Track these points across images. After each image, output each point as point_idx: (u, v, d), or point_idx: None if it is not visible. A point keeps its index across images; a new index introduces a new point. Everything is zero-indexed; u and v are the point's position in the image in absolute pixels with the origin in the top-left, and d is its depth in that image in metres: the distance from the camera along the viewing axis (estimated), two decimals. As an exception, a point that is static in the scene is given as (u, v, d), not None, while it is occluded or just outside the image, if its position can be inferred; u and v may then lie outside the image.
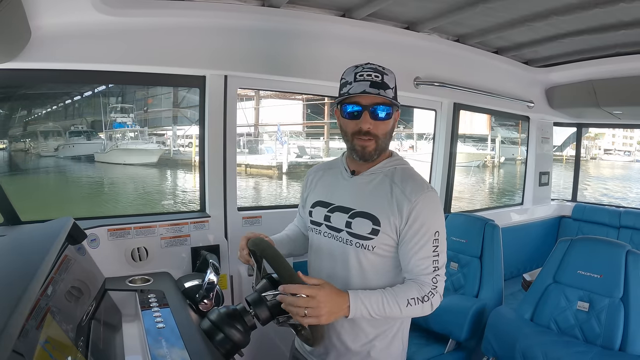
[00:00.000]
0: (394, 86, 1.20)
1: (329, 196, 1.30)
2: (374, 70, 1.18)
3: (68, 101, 17.54)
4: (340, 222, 1.24)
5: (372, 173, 1.25)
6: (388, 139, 1.24)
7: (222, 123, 1.97)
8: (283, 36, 1.96)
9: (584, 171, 23.16)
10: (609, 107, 2.92)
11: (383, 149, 1.23)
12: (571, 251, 1.88)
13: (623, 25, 2.01)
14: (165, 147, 20.17)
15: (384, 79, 1.17)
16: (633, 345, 1.63)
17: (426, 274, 1.16)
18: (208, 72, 1.90)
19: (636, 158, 29.61)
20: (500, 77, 2.87)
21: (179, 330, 1.17)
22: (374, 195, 1.22)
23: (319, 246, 1.31)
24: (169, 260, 1.82)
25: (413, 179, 1.22)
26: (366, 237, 1.20)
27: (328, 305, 1.06)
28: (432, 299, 1.16)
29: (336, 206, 1.26)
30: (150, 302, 1.38)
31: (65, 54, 1.55)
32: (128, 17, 1.59)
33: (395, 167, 1.25)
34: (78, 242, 1.44)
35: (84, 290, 1.29)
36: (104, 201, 13.03)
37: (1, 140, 15.89)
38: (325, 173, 1.38)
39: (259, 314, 1.14)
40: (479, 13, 1.97)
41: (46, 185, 14.54)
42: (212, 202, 2.00)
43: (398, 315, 1.14)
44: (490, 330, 1.87)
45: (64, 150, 16.58)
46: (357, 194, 1.24)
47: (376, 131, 1.19)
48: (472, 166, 19.82)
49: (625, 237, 3.31)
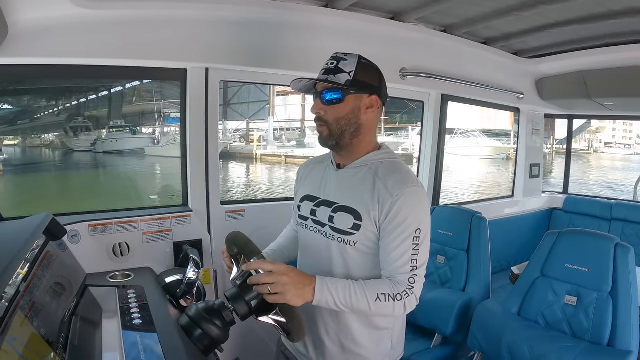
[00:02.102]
0: (353, 70, 1.17)
1: (316, 190, 1.29)
2: (333, 58, 1.19)
3: (92, 96, 17.95)
4: (324, 216, 1.23)
5: (356, 166, 1.23)
6: (345, 125, 1.19)
7: (203, 116, 1.94)
8: (265, 27, 1.93)
9: (586, 163, 26.42)
10: (600, 98, 2.89)
11: (341, 135, 1.20)
12: (559, 244, 1.86)
13: (613, 14, 1.98)
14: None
15: (339, 65, 1.17)
16: (621, 340, 1.61)
17: (403, 272, 1.12)
18: (189, 65, 1.87)
19: (636, 151, 30.05)
20: (489, 68, 2.84)
21: (155, 326, 1.16)
22: (356, 189, 1.20)
23: (305, 240, 1.31)
24: (151, 255, 1.80)
25: (398, 172, 1.19)
26: (348, 232, 1.18)
27: (291, 281, 1.04)
28: (405, 299, 1.10)
29: (322, 200, 1.26)
30: (129, 298, 1.36)
31: (44, 49, 1.53)
32: (106, 10, 1.57)
33: (381, 161, 1.22)
34: (58, 238, 1.42)
35: (66, 286, 1.28)
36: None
37: (28, 136, 16.05)
38: (315, 167, 1.37)
39: (237, 310, 1.13)
40: (465, 2, 1.94)
41: (113, 178, 15.15)
42: (194, 197, 1.98)
43: (366, 310, 1.09)
44: (476, 324, 1.85)
45: (104, 144, 16.94)
46: (341, 187, 1.23)
47: (327, 116, 1.19)
48: (499, 158, 22.76)
49: (616, 229, 3.29)
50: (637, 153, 30.09)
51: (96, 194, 12.54)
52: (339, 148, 1.22)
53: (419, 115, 2.92)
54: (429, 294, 2.09)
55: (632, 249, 1.71)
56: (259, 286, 1.04)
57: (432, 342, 2.03)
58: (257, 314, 1.16)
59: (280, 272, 1.04)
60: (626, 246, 1.71)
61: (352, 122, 1.19)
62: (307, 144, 23.14)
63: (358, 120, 1.20)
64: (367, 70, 1.20)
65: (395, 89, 2.50)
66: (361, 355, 1.25)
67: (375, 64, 1.24)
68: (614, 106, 3.17)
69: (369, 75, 1.20)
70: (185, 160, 1.98)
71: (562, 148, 12.17)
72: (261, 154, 22.84)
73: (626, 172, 22.60)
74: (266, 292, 1.03)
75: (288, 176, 17.88)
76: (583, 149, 30.49)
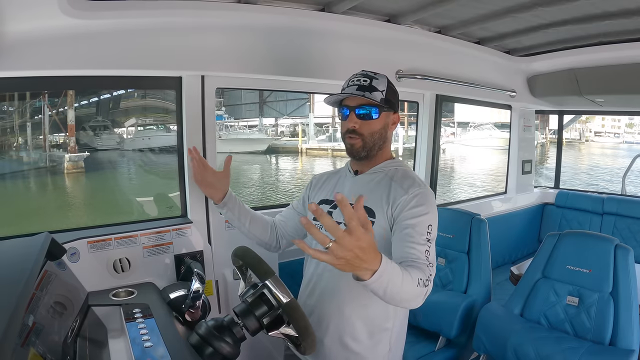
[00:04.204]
0: (385, 89, 1.30)
1: (332, 194, 1.40)
2: (364, 76, 1.32)
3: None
4: (340, 217, 1.27)
5: (374, 172, 1.36)
6: (377, 139, 1.32)
7: (200, 124, 1.90)
8: (261, 33, 1.90)
9: (577, 151, 29.39)
10: (591, 95, 2.93)
11: (372, 147, 1.32)
12: (559, 246, 1.88)
13: (608, 15, 1.99)
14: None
15: (372, 83, 1.29)
16: (623, 340, 1.64)
17: (420, 259, 1.16)
18: (184, 73, 1.83)
19: (625, 139, 31.30)
20: (482, 68, 2.85)
21: (166, 347, 1.14)
22: (372, 190, 1.31)
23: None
24: (152, 269, 1.77)
25: (412, 178, 1.31)
26: None
27: (362, 248, 0.88)
28: (427, 287, 1.12)
29: None
30: (136, 316, 1.34)
31: (35, 61, 1.47)
32: (98, 19, 1.51)
33: (396, 169, 1.35)
34: (58, 257, 1.38)
35: (68, 306, 1.25)
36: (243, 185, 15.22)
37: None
38: (330, 177, 1.49)
39: (247, 325, 1.13)
40: (462, 5, 1.93)
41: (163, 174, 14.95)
42: (193, 207, 1.94)
43: (407, 295, 1.05)
44: (480, 327, 1.87)
45: (134, 142, 17.11)
46: (358, 190, 1.33)
47: (362, 130, 1.30)
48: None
49: (608, 224, 3.35)
50: (625, 141, 31.45)
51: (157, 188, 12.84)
52: (368, 159, 1.35)
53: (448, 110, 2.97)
54: (432, 296, 2.08)
55: (631, 250, 1.74)
56: (320, 234, 0.87)
57: (436, 345, 2.04)
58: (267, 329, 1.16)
59: (358, 236, 0.87)
60: (626, 247, 1.74)
61: (382, 137, 1.33)
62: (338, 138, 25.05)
63: (386, 135, 1.35)
64: (393, 90, 1.35)
65: None
66: (359, 354, 1.30)
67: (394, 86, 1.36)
68: (604, 102, 3.21)
69: (394, 95, 1.35)
70: (182, 171, 1.94)
71: (556, 138, 12.83)
72: (306, 147, 24.20)
73: (615, 158, 25.41)
74: (326, 245, 0.88)
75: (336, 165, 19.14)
76: (575, 138, 31.67)
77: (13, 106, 13.96)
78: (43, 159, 14.29)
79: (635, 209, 3.27)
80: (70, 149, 14.47)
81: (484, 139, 24.21)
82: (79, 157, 14.06)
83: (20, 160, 14.44)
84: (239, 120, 27.73)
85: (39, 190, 13.05)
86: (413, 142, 2.99)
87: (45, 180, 13.85)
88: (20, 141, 14.60)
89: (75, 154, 14.13)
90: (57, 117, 14.83)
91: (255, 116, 29.35)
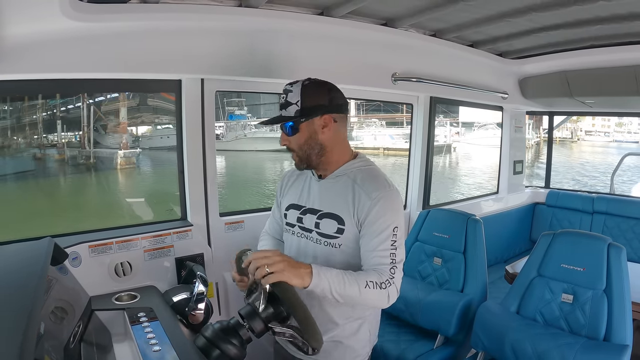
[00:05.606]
0: (298, 99, 1.28)
1: (301, 199, 1.41)
2: (283, 92, 1.31)
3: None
4: (311, 223, 1.36)
5: (336, 176, 1.35)
6: (309, 148, 1.32)
7: (200, 128, 1.91)
8: (261, 37, 1.91)
9: (569, 149, 30.51)
10: (582, 96, 3.00)
11: (308, 157, 1.33)
12: (554, 245, 1.92)
13: (599, 20, 2.04)
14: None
15: (287, 98, 1.29)
16: (617, 335, 1.68)
17: (384, 264, 1.22)
18: (184, 77, 1.84)
19: (614, 138, 32.22)
20: (475, 70, 2.90)
21: (175, 350, 1.15)
22: (338, 196, 1.32)
23: (291, 245, 1.43)
24: (153, 273, 1.77)
25: (375, 179, 1.31)
26: (333, 235, 1.31)
27: (288, 263, 1.10)
28: (389, 289, 1.20)
29: (307, 208, 1.38)
30: (141, 320, 1.34)
31: (35, 64, 1.47)
32: (99, 22, 1.51)
33: (359, 169, 1.34)
34: (60, 262, 1.38)
35: (69, 311, 1.24)
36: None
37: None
38: (298, 177, 1.48)
39: (253, 327, 1.13)
40: (459, 9, 1.96)
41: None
42: (193, 210, 1.95)
43: (356, 296, 1.17)
44: (478, 325, 1.90)
45: (151, 141, 17.33)
46: (323, 196, 1.35)
47: (291, 145, 1.33)
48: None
49: (598, 223, 3.42)
50: (615, 140, 32.49)
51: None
52: (313, 167, 1.37)
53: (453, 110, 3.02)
54: (429, 296, 2.14)
55: (624, 249, 1.79)
56: (258, 268, 1.08)
57: (434, 343, 2.07)
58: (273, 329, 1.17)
59: (276, 255, 1.11)
60: (618, 246, 1.79)
61: (313, 145, 1.31)
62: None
63: (318, 141, 1.31)
64: (313, 94, 1.30)
65: (387, 93, 2.54)
66: (349, 346, 1.37)
67: (324, 81, 1.34)
68: (594, 104, 3.28)
69: (315, 98, 1.30)
70: (182, 174, 1.94)
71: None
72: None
73: (605, 155, 26.50)
74: (264, 273, 1.07)
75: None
76: (567, 137, 32.47)
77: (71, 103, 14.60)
78: (93, 155, 14.87)
79: (624, 208, 3.35)
80: (123, 145, 15.02)
81: (489, 138, 24.92)
82: (132, 154, 14.70)
83: (77, 157, 14.94)
84: (261, 119, 28.50)
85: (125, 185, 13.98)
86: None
87: (106, 175, 14.56)
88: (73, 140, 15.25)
89: (128, 150, 14.77)
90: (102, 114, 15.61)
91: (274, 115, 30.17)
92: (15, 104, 13.25)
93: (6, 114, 13.74)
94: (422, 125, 2.81)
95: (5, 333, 0.78)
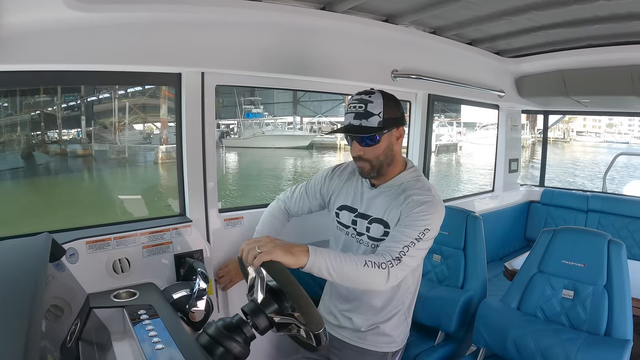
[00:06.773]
0: (381, 110, 1.32)
1: (355, 203, 1.50)
2: (359, 101, 1.33)
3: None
4: (362, 227, 1.46)
5: (388, 186, 1.43)
6: (384, 159, 1.38)
7: (200, 122, 1.88)
8: (262, 30, 1.89)
9: (562, 149, 32.31)
10: (578, 96, 3.02)
11: (380, 167, 1.39)
12: (554, 241, 1.93)
13: (598, 19, 2.06)
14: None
15: (368, 108, 1.32)
16: (618, 330, 1.69)
17: (393, 250, 1.24)
18: (184, 70, 1.80)
19: (605, 139, 33.01)
20: (472, 68, 2.91)
21: (178, 348, 1.12)
22: (388, 204, 1.40)
23: (344, 245, 1.52)
24: (152, 269, 1.73)
25: (422, 188, 1.38)
26: (379, 239, 1.39)
27: (278, 243, 1.10)
28: (390, 269, 1.20)
29: (360, 213, 1.47)
30: (142, 317, 1.30)
31: (35, 55, 1.42)
32: (100, 12, 1.47)
33: (409, 180, 1.42)
34: (57, 258, 1.34)
35: (65, 309, 1.21)
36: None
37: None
38: (349, 178, 1.56)
39: (257, 324, 1.12)
40: (460, 7, 1.96)
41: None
42: (192, 206, 1.92)
43: (354, 274, 1.18)
44: (480, 321, 1.90)
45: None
46: (375, 203, 1.44)
47: (367, 156, 1.37)
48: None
49: (593, 221, 3.46)
50: (606, 141, 33.53)
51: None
52: (379, 177, 1.43)
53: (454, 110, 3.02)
54: (430, 292, 2.13)
55: (624, 245, 1.80)
56: (248, 253, 1.09)
57: (435, 340, 2.07)
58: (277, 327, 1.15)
59: (267, 238, 1.12)
60: (618, 242, 1.80)
61: (389, 155, 1.39)
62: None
63: (392, 152, 1.40)
64: (391, 105, 1.35)
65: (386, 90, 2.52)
66: (387, 335, 1.52)
67: (393, 95, 1.38)
68: (589, 103, 3.31)
69: (393, 109, 1.36)
70: (181, 169, 1.91)
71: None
72: (344, 144, 27.37)
73: (595, 155, 28.86)
74: (255, 254, 1.07)
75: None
76: (559, 137, 33.11)
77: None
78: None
79: (618, 207, 3.39)
80: (164, 140, 15.58)
81: (490, 137, 25.70)
82: (173, 149, 14.88)
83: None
84: (276, 118, 29.31)
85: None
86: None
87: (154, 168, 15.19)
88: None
89: (169, 145, 15.22)
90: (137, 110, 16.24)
91: (287, 114, 31.37)
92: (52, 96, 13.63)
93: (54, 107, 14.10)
94: (420, 122, 2.81)
95: (8, 333, 0.76)
